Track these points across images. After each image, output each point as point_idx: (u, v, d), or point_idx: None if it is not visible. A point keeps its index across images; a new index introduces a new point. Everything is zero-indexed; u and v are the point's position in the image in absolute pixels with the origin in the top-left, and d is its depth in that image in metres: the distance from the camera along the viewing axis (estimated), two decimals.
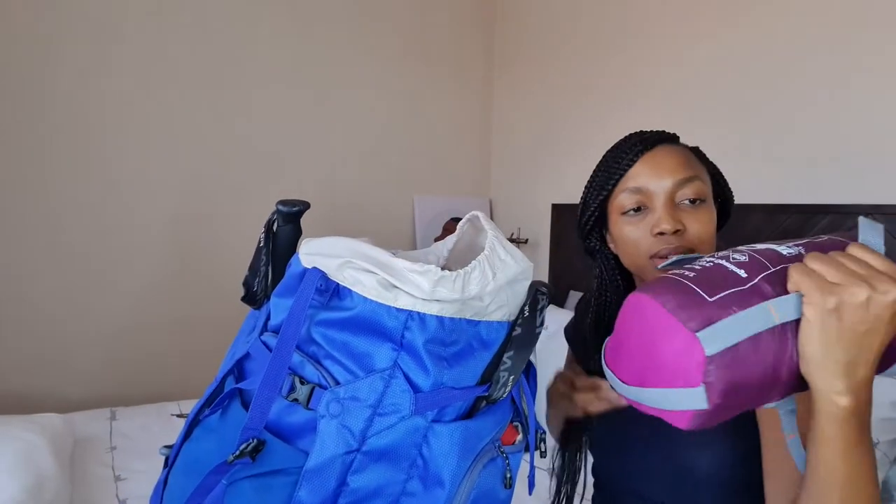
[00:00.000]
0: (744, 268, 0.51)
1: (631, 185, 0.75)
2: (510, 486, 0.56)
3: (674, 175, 0.73)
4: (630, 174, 0.76)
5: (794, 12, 1.69)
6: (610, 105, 2.29)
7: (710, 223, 0.74)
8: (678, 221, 0.72)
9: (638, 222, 0.75)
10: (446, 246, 0.63)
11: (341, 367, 0.50)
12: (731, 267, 0.51)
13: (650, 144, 0.76)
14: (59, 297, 2.01)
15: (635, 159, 0.76)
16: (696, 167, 0.76)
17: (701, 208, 0.73)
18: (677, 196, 0.73)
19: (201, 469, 0.49)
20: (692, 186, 0.73)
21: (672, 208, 0.73)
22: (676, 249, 0.71)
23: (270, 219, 0.62)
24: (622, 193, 0.76)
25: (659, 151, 0.76)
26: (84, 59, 2.00)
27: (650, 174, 0.74)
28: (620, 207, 0.77)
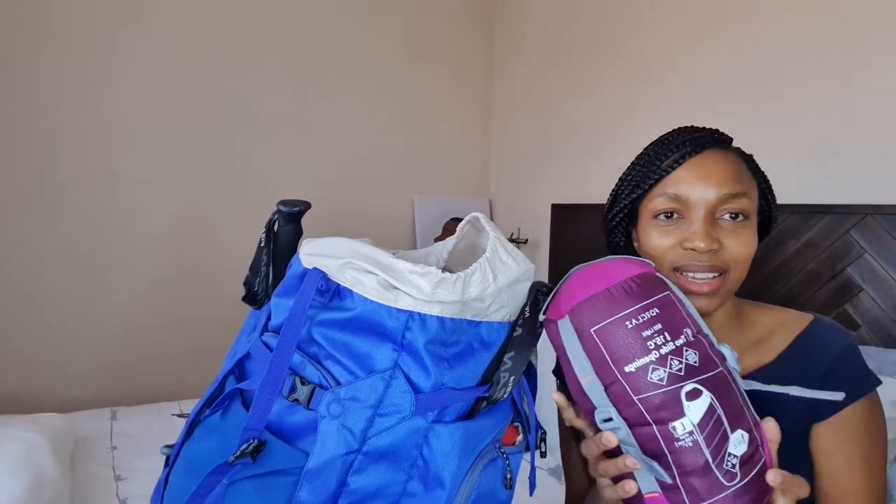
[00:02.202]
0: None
1: (670, 191, 0.68)
2: (511, 487, 0.56)
3: (720, 188, 0.65)
4: (672, 177, 0.68)
5: (794, 13, 1.69)
6: (610, 105, 2.29)
7: (750, 244, 0.67)
8: (715, 240, 0.65)
9: (670, 230, 0.68)
10: (446, 247, 0.63)
11: (342, 367, 0.50)
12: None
13: (700, 147, 0.68)
14: (59, 298, 2.01)
15: (680, 161, 0.68)
16: (747, 181, 0.68)
17: (742, 226, 0.66)
18: (719, 210, 0.66)
19: (202, 469, 0.49)
20: (738, 202, 0.66)
21: (711, 223, 0.66)
22: (707, 268, 0.66)
23: (271, 219, 0.62)
24: (659, 197, 0.68)
25: (708, 157, 0.68)
26: (85, 63, 2.00)
27: (694, 182, 0.66)
28: (653, 211, 0.69)
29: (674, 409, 0.51)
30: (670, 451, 0.52)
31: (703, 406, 0.52)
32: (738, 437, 0.52)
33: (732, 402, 0.53)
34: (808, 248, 1.61)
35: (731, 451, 0.51)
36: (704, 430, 0.51)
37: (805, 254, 1.61)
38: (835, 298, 1.55)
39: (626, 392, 0.53)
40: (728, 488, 0.51)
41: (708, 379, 0.53)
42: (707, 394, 0.52)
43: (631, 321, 0.53)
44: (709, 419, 0.51)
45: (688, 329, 0.54)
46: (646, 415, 0.52)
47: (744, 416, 0.54)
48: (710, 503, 0.51)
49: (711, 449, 0.51)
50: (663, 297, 0.55)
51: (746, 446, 0.52)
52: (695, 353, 0.53)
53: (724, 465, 0.51)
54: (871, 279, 1.49)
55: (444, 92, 2.77)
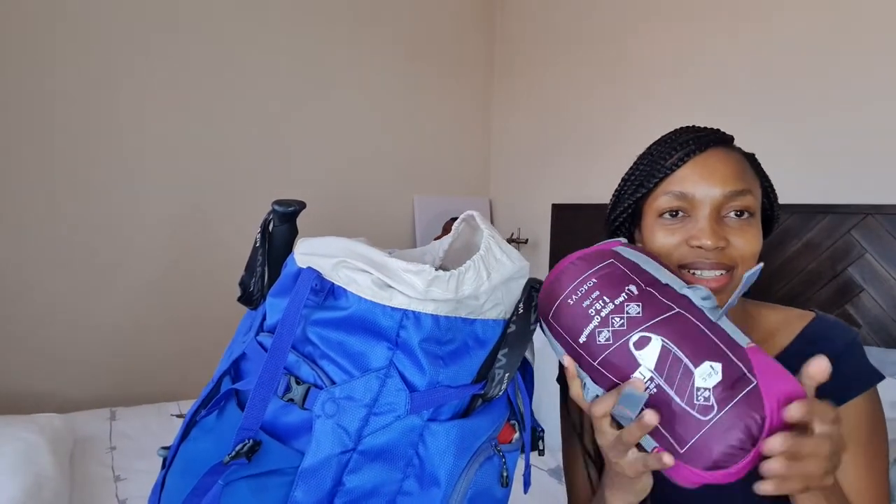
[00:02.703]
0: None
1: (675, 189, 0.68)
2: (507, 485, 0.56)
3: (724, 185, 0.66)
4: (676, 176, 0.69)
5: (794, 13, 1.68)
6: (610, 105, 2.29)
7: (756, 240, 0.67)
8: (721, 237, 0.65)
9: (675, 229, 0.68)
10: (442, 245, 0.63)
11: (337, 366, 0.50)
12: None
13: (703, 146, 0.69)
14: (59, 298, 2.01)
15: (685, 159, 0.68)
16: (750, 179, 0.69)
17: (748, 223, 0.67)
18: (724, 208, 0.66)
19: (198, 469, 0.49)
20: (742, 200, 0.66)
21: (717, 221, 0.66)
22: (714, 265, 0.66)
23: (266, 219, 0.62)
24: (664, 195, 0.69)
25: (712, 155, 0.68)
26: (85, 63, 2.00)
27: (698, 180, 0.67)
28: (658, 209, 0.69)
29: (629, 362, 0.53)
30: (644, 403, 0.52)
31: (654, 350, 0.52)
32: (706, 369, 0.51)
33: (694, 337, 0.52)
34: (808, 248, 1.61)
35: (699, 385, 0.50)
36: (663, 373, 0.51)
37: (806, 254, 1.61)
38: (836, 298, 1.55)
39: (588, 361, 0.55)
40: (707, 422, 0.49)
41: (657, 324, 0.53)
42: (657, 337, 0.52)
43: (571, 298, 0.56)
44: (664, 361, 0.51)
45: (631, 286, 0.56)
46: (609, 376, 0.54)
47: (712, 347, 0.52)
48: (697, 439, 0.49)
49: (675, 389, 0.51)
50: (605, 265, 0.58)
51: (720, 376, 0.50)
52: (637, 305, 0.54)
53: (695, 401, 0.50)
54: (872, 279, 1.49)
55: (444, 92, 2.77)
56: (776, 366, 0.51)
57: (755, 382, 0.50)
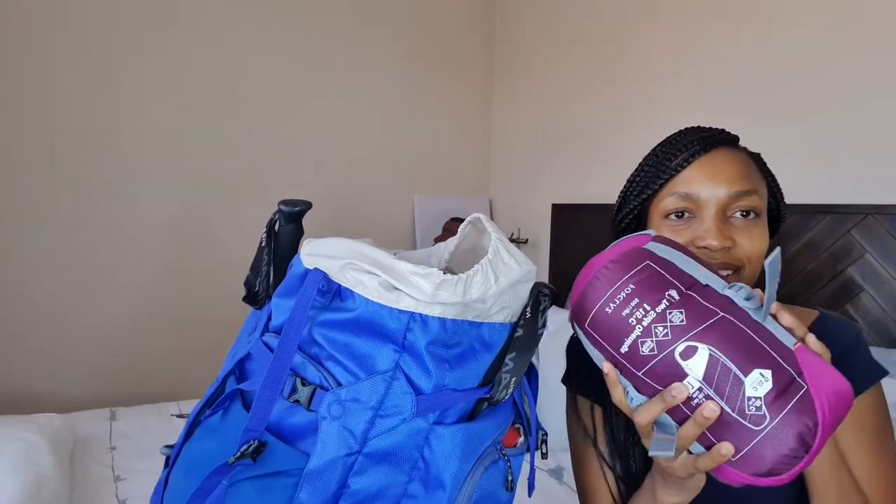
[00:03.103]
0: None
1: (681, 190, 0.68)
2: (512, 489, 0.56)
3: (730, 185, 0.66)
4: (682, 177, 0.69)
5: (794, 13, 1.69)
6: (610, 105, 2.29)
7: (762, 240, 0.68)
8: (728, 237, 0.65)
9: (681, 229, 0.68)
10: (448, 248, 0.63)
11: (343, 368, 0.50)
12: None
13: (708, 146, 0.69)
14: (59, 298, 2.01)
15: (690, 160, 0.69)
16: (756, 179, 0.69)
17: (754, 223, 0.67)
18: (730, 208, 0.67)
19: (202, 469, 0.49)
20: (748, 200, 0.67)
21: (722, 221, 0.66)
22: (721, 266, 0.66)
23: (272, 218, 0.62)
24: (669, 196, 0.69)
25: (717, 155, 0.69)
26: (86, 63, 1.99)
27: (704, 181, 0.67)
28: (664, 210, 0.70)
29: (675, 373, 0.51)
30: (692, 412, 0.51)
31: (702, 360, 0.51)
32: (756, 377, 0.49)
33: (742, 344, 0.50)
34: (808, 248, 1.61)
35: (749, 394, 0.49)
36: (712, 383, 0.50)
37: (806, 254, 1.61)
38: (836, 298, 1.55)
39: (632, 371, 0.54)
40: (759, 432, 0.48)
41: (702, 332, 0.51)
42: (703, 346, 0.51)
43: (609, 306, 0.54)
44: (713, 370, 0.50)
45: (671, 290, 0.54)
46: (656, 386, 0.52)
47: (760, 353, 0.50)
48: (750, 449, 0.48)
49: (726, 399, 0.49)
50: (641, 269, 0.55)
51: (771, 384, 0.49)
52: (680, 312, 0.52)
53: (746, 412, 0.49)
54: (872, 279, 1.49)
55: (444, 92, 2.77)
56: (823, 365, 0.50)
57: (806, 387, 0.49)
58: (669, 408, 0.52)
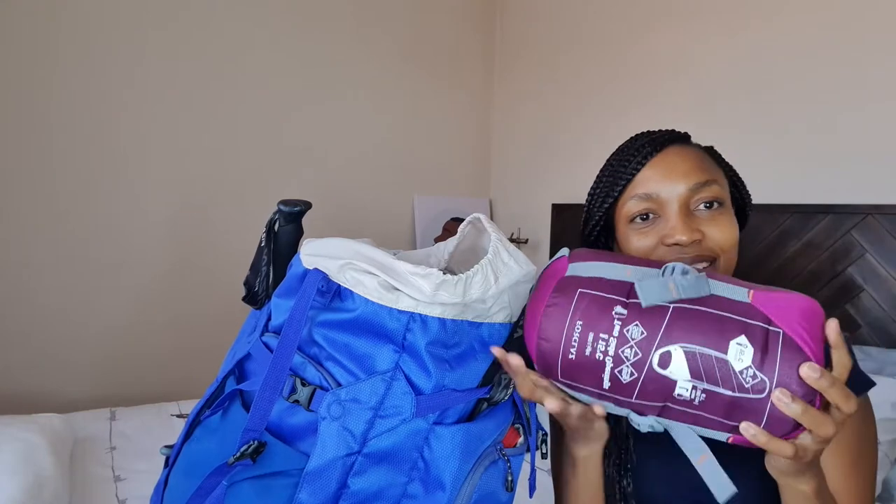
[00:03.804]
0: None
1: (640, 192, 0.68)
2: (511, 489, 0.56)
3: (687, 179, 0.66)
4: (638, 179, 0.69)
5: (794, 14, 1.68)
6: (611, 105, 2.29)
7: (731, 228, 0.67)
8: (695, 230, 0.64)
9: (648, 231, 0.68)
10: (447, 248, 0.63)
11: (342, 368, 0.50)
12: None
13: (660, 146, 0.69)
14: (59, 297, 2.01)
15: (644, 162, 0.69)
16: (712, 169, 0.69)
17: (719, 213, 0.66)
18: (692, 202, 0.66)
19: (202, 470, 0.49)
20: (709, 190, 0.66)
21: (687, 215, 0.65)
22: (696, 259, 0.65)
23: (272, 218, 0.62)
24: (630, 200, 0.69)
25: (670, 153, 0.69)
26: (86, 63, 1.99)
27: (661, 179, 0.67)
28: (628, 215, 0.69)
29: (664, 385, 0.49)
30: (700, 410, 0.50)
31: (680, 361, 0.49)
32: (735, 349, 0.48)
33: (704, 324, 0.49)
34: (808, 248, 1.61)
35: (738, 368, 0.48)
36: (702, 377, 0.48)
37: (806, 254, 1.61)
38: (836, 298, 1.55)
39: (625, 400, 0.52)
40: (767, 398, 0.47)
41: (665, 333, 0.50)
42: (674, 346, 0.49)
43: (570, 352, 0.52)
44: (696, 365, 0.48)
45: (616, 307, 0.52)
46: (654, 404, 0.51)
47: (725, 322, 0.49)
48: (768, 415, 0.48)
49: (722, 384, 0.48)
50: (578, 299, 0.53)
51: (751, 348, 0.48)
52: (636, 326, 0.50)
53: (745, 385, 0.47)
54: (872, 279, 1.49)
55: (444, 92, 2.77)
56: (780, 295, 0.50)
57: (781, 331, 0.48)
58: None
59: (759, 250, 1.70)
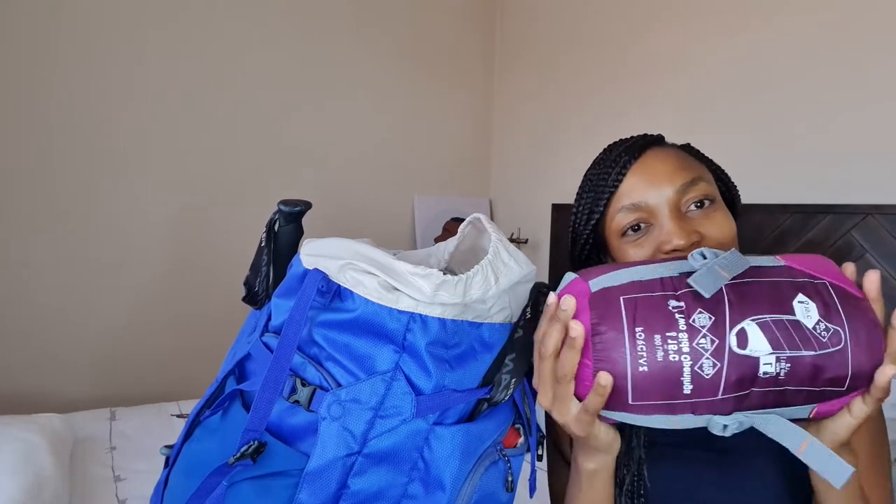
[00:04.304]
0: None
1: (626, 203, 0.65)
2: (512, 490, 0.56)
3: (673, 181, 0.64)
4: (622, 190, 0.66)
5: (793, 14, 1.68)
6: (611, 105, 2.29)
7: (727, 223, 0.65)
8: (692, 232, 0.62)
9: (642, 241, 0.65)
10: (447, 248, 0.63)
11: (343, 368, 0.50)
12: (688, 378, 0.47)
13: (637, 152, 0.67)
14: (59, 297, 2.01)
15: (624, 172, 0.66)
16: (695, 167, 0.67)
17: (712, 209, 0.64)
18: (682, 204, 0.64)
19: (202, 470, 0.49)
20: (697, 189, 0.64)
21: (681, 218, 0.63)
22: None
23: (272, 218, 0.62)
24: (618, 214, 0.66)
25: (649, 157, 0.66)
26: (85, 61, 1.99)
27: (646, 186, 0.64)
28: (619, 229, 0.66)
29: (749, 366, 0.47)
30: (786, 385, 0.48)
31: (757, 335, 0.47)
32: (801, 309, 0.47)
33: (761, 293, 0.48)
34: (809, 247, 1.61)
35: (810, 325, 0.47)
36: (782, 346, 0.46)
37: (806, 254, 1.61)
38: None
39: (710, 402, 0.48)
40: (846, 346, 0.47)
41: (732, 313, 0.47)
42: (746, 322, 0.47)
43: (641, 363, 0.47)
44: (773, 334, 0.47)
45: (670, 301, 0.48)
46: (740, 394, 0.48)
47: (779, 287, 0.48)
48: (852, 370, 0.47)
49: (803, 346, 0.46)
50: (625, 306, 0.49)
51: (811, 302, 0.47)
52: (700, 313, 0.47)
53: (823, 340, 0.46)
54: None
55: (444, 92, 2.77)
56: (800, 256, 0.52)
57: (825, 280, 0.50)
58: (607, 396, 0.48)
59: (759, 250, 1.70)
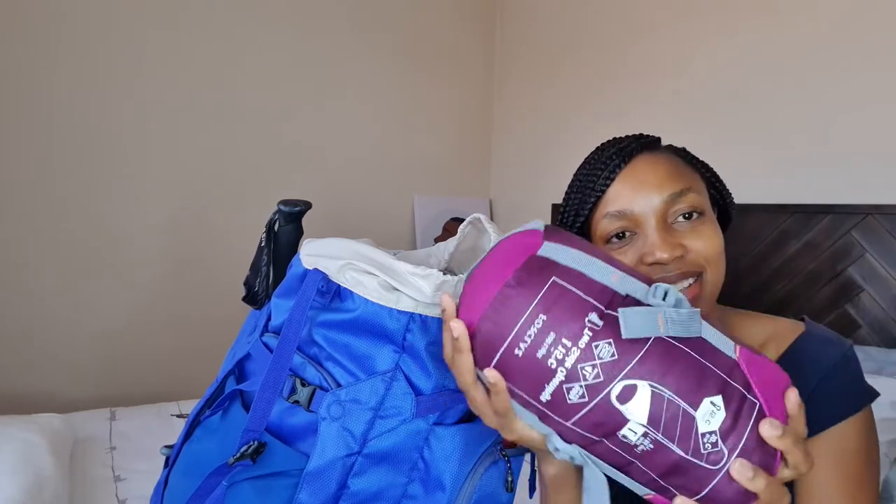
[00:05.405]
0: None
1: (612, 210, 0.63)
2: (512, 490, 0.56)
3: (661, 190, 0.61)
4: (609, 196, 0.63)
5: (795, 15, 1.68)
6: (611, 105, 2.29)
7: (715, 237, 0.62)
8: (677, 245, 0.60)
9: (626, 250, 0.62)
10: (447, 248, 0.63)
11: (342, 369, 0.50)
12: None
13: (628, 156, 0.64)
14: (59, 298, 2.01)
15: (612, 176, 0.64)
16: (687, 176, 0.64)
17: (700, 222, 0.62)
18: (670, 214, 0.61)
19: (202, 470, 0.49)
20: (686, 200, 0.61)
21: (666, 230, 0.61)
22: (681, 276, 0.60)
23: (272, 219, 0.62)
24: (603, 219, 0.63)
25: (640, 164, 0.64)
26: (85, 61, 1.99)
27: (633, 193, 0.62)
28: (603, 235, 0.64)
29: (613, 419, 0.42)
30: (636, 459, 0.43)
31: (644, 400, 0.42)
32: (707, 408, 0.42)
33: (684, 368, 0.42)
34: (809, 248, 1.61)
35: (703, 430, 0.41)
36: (659, 426, 0.42)
37: (806, 254, 1.61)
38: (836, 299, 1.55)
39: (557, 420, 0.44)
40: (719, 471, 0.42)
41: (638, 363, 0.42)
42: (643, 383, 0.42)
43: (519, 347, 0.43)
44: (659, 410, 0.42)
45: (591, 314, 0.43)
46: (589, 436, 0.44)
47: (706, 375, 0.42)
48: (708, 492, 0.42)
49: (678, 441, 0.42)
50: (548, 289, 0.43)
51: (723, 412, 0.42)
52: (609, 344, 0.42)
53: (701, 451, 0.42)
54: (873, 279, 1.49)
55: (444, 92, 2.77)
56: (765, 361, 0.45)
57: (758, 403, 0.43)
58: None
59: (759, 250, 1.70)
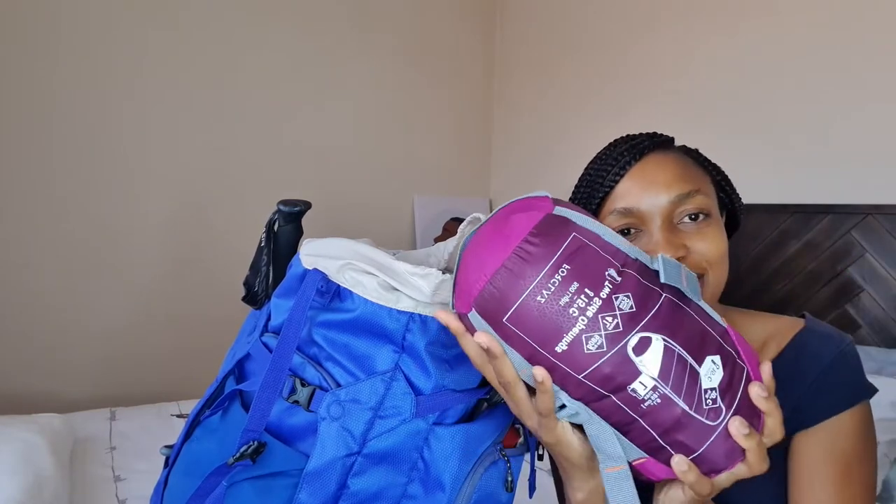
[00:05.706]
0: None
1: (619, 206, 0.64)
2: (512, 489, 0.56)
3: (670, 191, 0.62)
4: (617, 192, 0.64)
5: (796, 15, 1.68)
6: (611, 105, 2.29)
7: (719, 240, 0.63)
8: (680, 246, 0.60)
9: None
10: (447, 248, 0.63)
11: (342, 368, 0.50)
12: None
13: (639, 154, 0.65)
14: (59, 298, 2.01)
15: (622, 173, 0.65)
16: (697, 177, 0.64)
17: (706, 224, 0.62)
18: (676, 215, 0.62)
19: (202, 470, 0.49)
20: (693, 201, 0.62)
21: (671, 230, 0.61)
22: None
23: (272, 218, 0.62)
24: (610, 215, 0.65)
25: (650, 162, 0.65)
26: (85, 61, 1.99)
27: (641, 191, 0.63)
28: None
29: (627, 371, 0.44)
30: (641, 416, 0.44)
31: (657, 353, 0.43)
32: (709, 365, 0.44)
33: (689, 327, 0.45)
34: (809, 248, 1.61)
35: (706, 386, 0.44)
36: (669, 379, 0.43)
37: (806, 254, 1.61)
38: (836, 298, 1.55)
39: (569, 373, 0.44)
40: (717, 427, 0.44)
41: (653, 318, 0.44)
42: (657, 337, 0.44)
43: (542, 294, 0.43)
44: (669, 364, 0.43)
45: (610, 269, 0.44)
46: (599, 389, 0.45)
47: (707, 336, 0.45)
48: (704, 450, 0.44)
49: (684, 395, 0.44)
50: (570, 243, 0.45)
51: (721, 370, 0.45)
52: (627, 297, 0.44)
53: (703, 406, 0.44)
54: (872, 279, 1.49)
55: (444, 92, 2.77)
56: (742, 337, 0.49)
57: (746, 368, 0.46)
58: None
59: (759, 250, 1.70)
